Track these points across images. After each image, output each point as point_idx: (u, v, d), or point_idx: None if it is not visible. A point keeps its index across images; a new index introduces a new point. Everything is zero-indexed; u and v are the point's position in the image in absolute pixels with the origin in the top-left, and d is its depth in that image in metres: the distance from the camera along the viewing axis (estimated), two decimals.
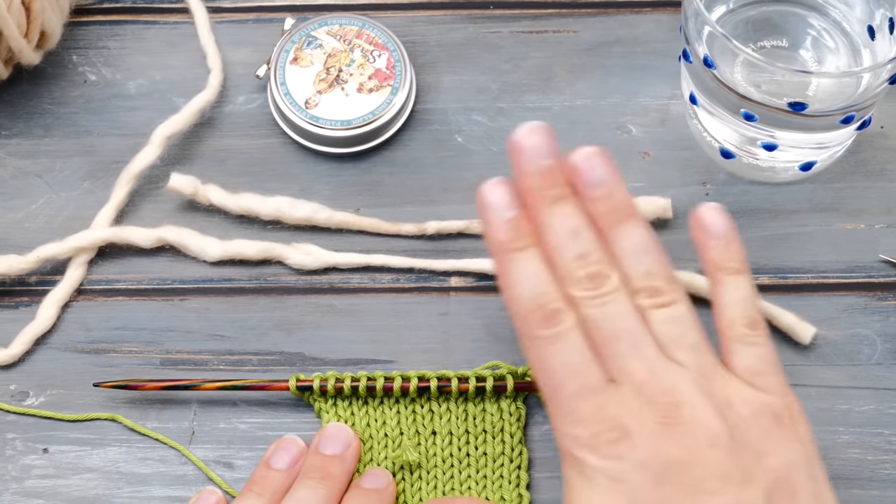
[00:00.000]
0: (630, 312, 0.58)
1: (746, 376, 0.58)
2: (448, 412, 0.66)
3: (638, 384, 0.56)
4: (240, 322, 0.69)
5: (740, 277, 0.60)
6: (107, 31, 0.76)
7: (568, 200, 0.59)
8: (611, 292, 0.58)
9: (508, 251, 0.59)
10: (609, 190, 0.59)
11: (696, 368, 0.57)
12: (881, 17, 0.68)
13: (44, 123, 0.73)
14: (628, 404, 0.56)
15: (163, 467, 0.66)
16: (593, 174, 0.59)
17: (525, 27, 0.76)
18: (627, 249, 0.59)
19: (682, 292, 0.59)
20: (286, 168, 0.73)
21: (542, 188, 0.59)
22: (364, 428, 0.66)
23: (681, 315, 0.58)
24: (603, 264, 0.58)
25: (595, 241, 0.59)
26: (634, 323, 0.58)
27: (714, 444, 0.55)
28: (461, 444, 0.66)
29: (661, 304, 0.58)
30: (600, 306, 0.58)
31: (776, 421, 0.57)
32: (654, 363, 0.57)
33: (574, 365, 0.57)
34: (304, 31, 0.74)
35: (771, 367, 0.59)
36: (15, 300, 0.70)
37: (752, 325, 0.59)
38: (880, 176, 0.72)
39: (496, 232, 0.59)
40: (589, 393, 0.56)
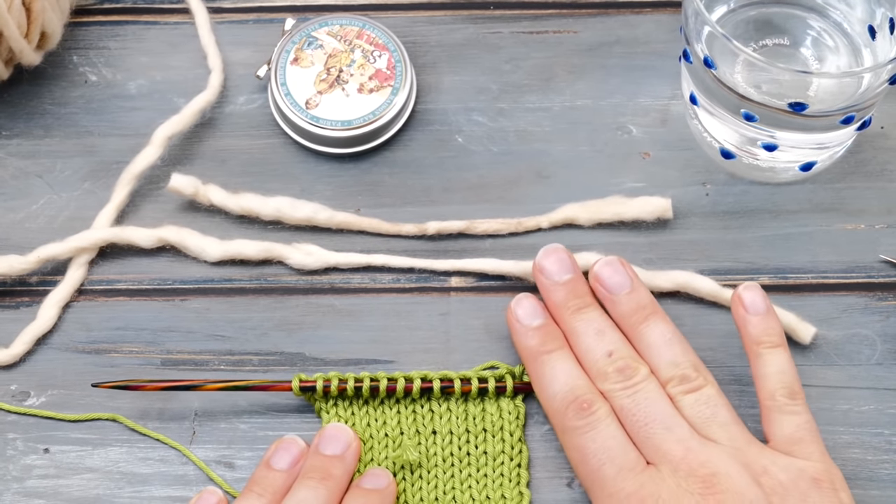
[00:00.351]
0: (661, 397, 0.62)
1: (785, 445, 0.61)
2: (448, 412, 0.66)
3: (675, 463, 0.60)
4: (240, 322, 0.69)
5: (779, 350, 0.63)
6: (107, 31, 0.76)
7: (591, 307, 0.65)
8: (641, 381, 0.63)
9: (540, 355, 0.64)
10: (630, 290, 0.65)
11: (729, 443, 0.61)
12: (882, 17, 0.68)
13: (44, 124, 0.73)
14: (667, 482, 0.60)
15: (163, 467, 0.66)
16: (614, 279, 0.65)
17: (525, 27, 0.76)
18: (653, 343, 0.64)
19: (709, 376, 0.63)
20: (287, 168, 0.73)
21: (566, 300, 0.65)
22: (364, 427, 0.66)
23: (710, 396, 0.62)
24: (631, 359, 0.63)
25: (621, 339, 0.64)
26: (665, 406, 0.62)
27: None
28: (461, 443, 0.66)
29: (691, 390, 0.62)
30: (632, 395, 0.62)
31: (815, 485, 0.60)
32: (689, 442, 0.61)
33: (612, 449, 0.61)
34: (305, 32, 0.74)
35: (809, 435, 0.62)
36: (16, 300, 0.70)
37: (792, 395, 0.62)
38: (880, 176, 0.72)
39: (526, 339, 0.65)
40: (629, 473, 0.60)
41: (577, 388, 0.63)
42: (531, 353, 0.65)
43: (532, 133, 0.73)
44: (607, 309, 0.66)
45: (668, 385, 0.63)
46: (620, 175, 0.72)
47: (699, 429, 0.61)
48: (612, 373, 0.63)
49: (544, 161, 0.72)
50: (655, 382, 0.63)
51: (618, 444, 0.61)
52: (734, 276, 0.70)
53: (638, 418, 0.62)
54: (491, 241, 0.71)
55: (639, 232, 0.71)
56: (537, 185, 0.72)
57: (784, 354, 0.63)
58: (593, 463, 0.61)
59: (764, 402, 0.63)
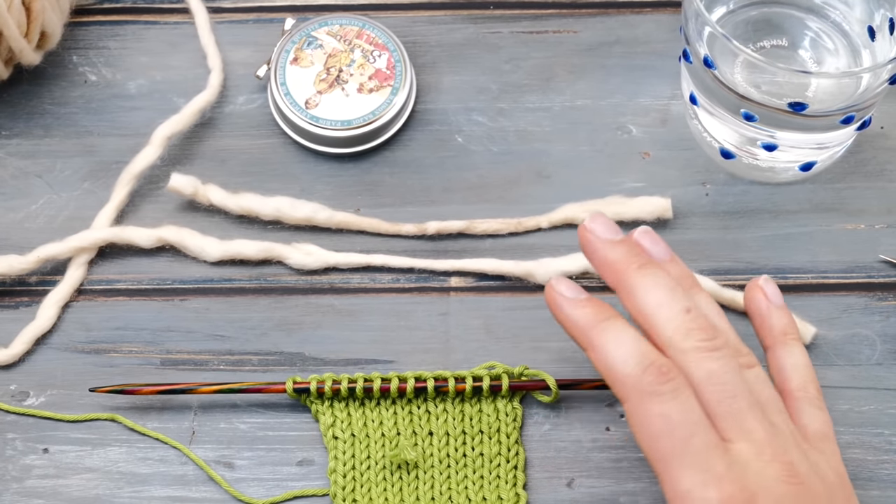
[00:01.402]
0: (739, 370, 0.57)
1: (815, 440, 0.59)
2: (445, 412, 0.66)
3: (759, 445, 0.56)
4: (240, 322, 0.69)
5: (802, 345, 0.62)
6: (107, 31, 0.76)
7: (656, 265, 0.59)
8: (724, 347, 0.57)
9: (598, 322, 0.57)
10: (672, 257, 0.61)
11: (788, 431, 0.58)
12: (881, 18, 0.68)
13: (44, 124, 0.73)
14: (753, 465, 0.55)
15: (163, 467, 0.66)
16: (657, 246, 0.60)
17: (525, 27, 0.76)
18: (710, 308, 0.59)
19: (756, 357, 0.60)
20: (286, 168, 0.73)
21: (627, 257, 0.58)
22: (361, 428, 0.66)
23: (766, 378, 0.59)
24: (708, 319, 0.58)
25: (693, 299, 0.59)
26: (744, 381, 0.57)
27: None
28: (458, 444, 0.66)
29: (748, 365, 0.58)
30: (720, 358, 0.56)
31: (843, 489, 0.58)
32: (767, 424, 0.57)
33: (698, 422, 0.55)
34: (305, 32, 0.74)
35: (832, 433, 0.60)
36: (15, 300, 0.70)
37: (819, 390, 0.61)
38: (880, 176, 0.72)
39: (578, 309, 0.58)
40: (716, 451, 0.55)
41: (649, 353, 0.56)
42: (587, 323, 0.57)
43: (532, 133, 0.73)
44: None
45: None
46: (620, 175, 0.72)
47: (768, 412, 0.57)
48: (695, 330, 0.57)
49: (544, 161, 0.72)
50: (733, 352, 0.58)
51: (701, 417, 0.55)
52: (734, 276, 0.70)
53: (727, 388, 0.56)
54: (491, 241, 0.71)
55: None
56: (537, 184, 0.72)
57: (805, 351, 0.62)
58: (680, 433, 0.55)
59: (794, 393, 0.60)
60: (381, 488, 0.65)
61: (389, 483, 0.65)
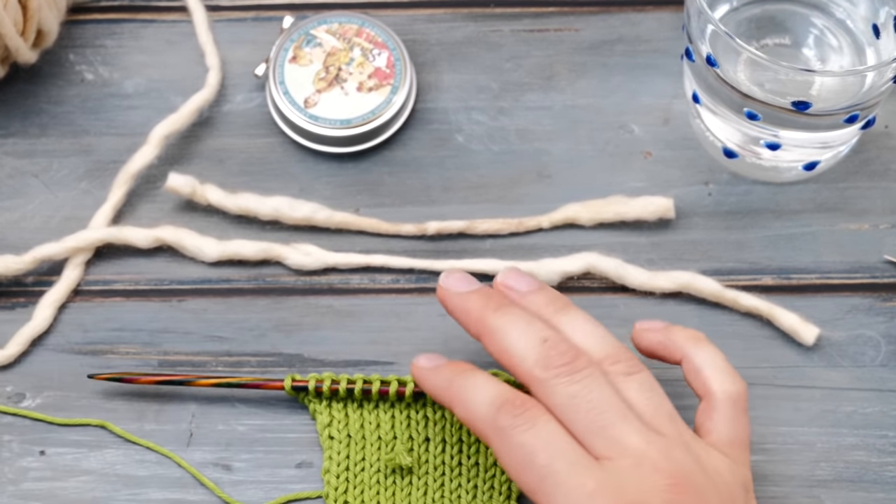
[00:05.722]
0: (607, 384, 0.57)
1: (725, 445, 0.58)
2: (443, 419, 0.66)
3: (637, 456, 0.55)
4: (238, 323, 0.69)
5: (714, 345, 0.61)
6: (104, 29, 0.76)
7: (511, 304, 0.60)
8: (586, 367, 0.57)
9: (455, 378, 0.59)
10: (540, 286, 0.61)
11: (679, 437, 0.57)
12: (886, 16, 0.68)
13: (40, 123, 0.73)
14: (631, 476, 0.54)
15: (160, 470, 0.66)
16: (523, 279, 0.61)
17: (526, 25, 0.75)
18: (578, 327, 0.59)
19: (641, 363, 0.59)
20: (285, 168, 0.72)
21: (484, 303, 0.60)
22: (357, 429, 0.66)
23: (652, 383, 0.58)
24: (569, 344, 0.58)
25: (551, 328, 0.58)
26: (614, 395, 0.56)
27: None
28: (454, 452, 0.65)
29: (628, 372, 0.58)
30: (581, 380, 0.56)
31: (746, 493, 0.58)
32: (646, 433, 0.56)
33: (559, 444, 0.55)
34: (304, 30, 0.73)
35: (748, 440, 0.59)
36: (11, 301, 0.69)
37: (740, 393, 0.60)
38: (885, 176, 0.72)
39: (437, 375, 0.60)
40: (585, 469, 0.55)
41: (503, 393, 0.57)
42: (447, 382, 0.59)
43: (533, 132, 0.73)
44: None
45: (605, 363, 0.58)
46: (622, 174, 0.72)
47: (649, 420, 0.56)
48: (553, 356, 0.57)
49: (545, 160, 0.72)
50: (598, 369, 0.57)
51: (563, 440, 0.55)
52: (737, 276, 0.69)
53: (593, 405, 0.55)
54: (491, 242, 0.70)
55: (640, 232, 0.70)
56: (538, 184, 0.72)
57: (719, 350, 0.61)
58: (542, 459, 0.55)
59: (715, 394, 0.59)
60: (374, 491, 0.65)
61: (383, 487, 0.65)
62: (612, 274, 0.69)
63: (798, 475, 0.65)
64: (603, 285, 0.69)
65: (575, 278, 0.69)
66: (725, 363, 0.60)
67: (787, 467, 0.66)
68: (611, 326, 0.67)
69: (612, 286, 0.69)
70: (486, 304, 0.60)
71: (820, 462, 0.66)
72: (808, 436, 0.66)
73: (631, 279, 0.68)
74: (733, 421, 0.59)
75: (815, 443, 0.66)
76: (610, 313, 0.68)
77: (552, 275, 0.69)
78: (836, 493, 0.65)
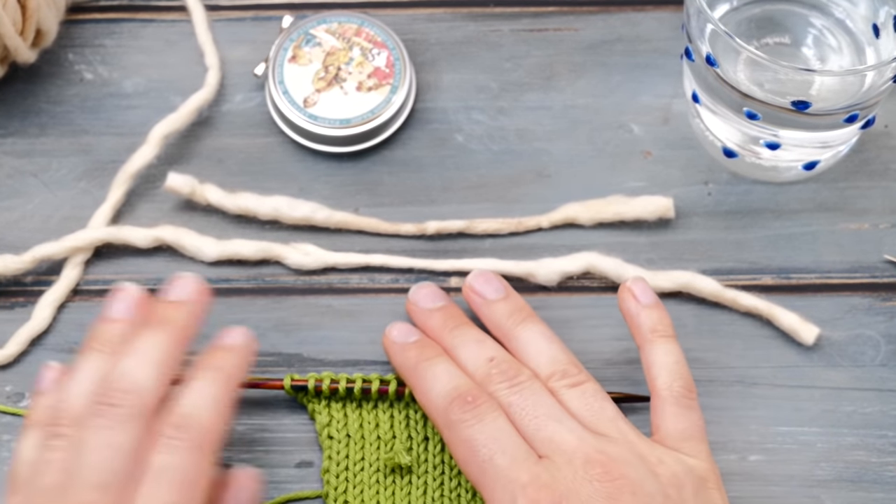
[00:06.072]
0: (547, 394, 0.61)
1: (675, 441, 0.60)
2: None
3: (569, 453, 0.58)
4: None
5: (673, 341, 0.63)
6: (103, 29, 0.75)
7: (468, 325, 0.65)
8: (525, 380, 0.61)
9: (419, 363, 0.63)
10: (506, 294, 0.66)
11: (620, 436, 0.60)
12: (885, 15, 0.68)
13: (39, 122, 0.73)
14: (563, 471, 0.58)
15: None
16: (487, 286, 0.66)
17: (526, 25, 0.75)
18: (531, 342, 0.63)
19: (589, 375, 0.62)
20: (284, 167, 0.72)
21: (443, 322, 0.65)
22: (357, 429, 0.65)
23: (595, 391, 0.62)
24: (512, 362, 0.62)
25: (500, 348, 0.64)
26: (553, 402, 0.61)
27: (650, 501, 0.57)
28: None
29: (573, 384, 0.62)
30: (519, 391, 0.61)
31: (703, 484, 0.59)
32: (581, 432, 0.59)
33: (502, 440, 0.59)
34: (303, 29, 0.73)
35: (700, 433, 0.61)
36: (10, 300, 0.69)
37: (689, 387, 0.62)
38: (884, 175, 0.71)
39: (404, 353, 0.64)
40: (523, 464, 0.58)
41: (460, 386, 0.61)
42: (410, 364, 0.64)
43: (532, 132, 0.73)
44: (482, 319, 0.66)
45: (551, 380, 0.62)
46: (622, 174, 0.72)
47: (588, 423, 0.60)
48: (495, 374, 0.62)
49: (545, 160, 0.72)
50: (539, 383, 0.62)
51: (507, 436, 0.59)
52: (737, 276, 0.69)
53: (527, 412, 0.60)
54: (491, 241, 0.70)
55: (640, 232, 0.70)
56: (538, 184, 0.71)
57: (678, 347, 0.63)
58: (483, 453, 0.59)
59: (660, 392, 0.61)
60: (374, 491, 0.65)
61: (382, 486, 0.65)
62: (612, 274, 0.69)
63: (798, 475, 0.65)
64: (603, 285, 0.69)
65: (575, 278, 0.69)
66: (676, 362, 0.62)
67: (787, 467, 0.65)
68: (610, 326, 0.68)
69: (611, 286, 0.69)
70: (444, 324, 0.65)
71: (820, 462, 0.66)
72: (808, 436, 0.66)
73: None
74: (679, 417, 0.61)
75: (815, 443, 0.66)
76: (609, 313, 0.68)
77: (552, 275, 0.69)
78: (836, 493, 0.65)
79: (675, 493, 0.58)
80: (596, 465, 0.58)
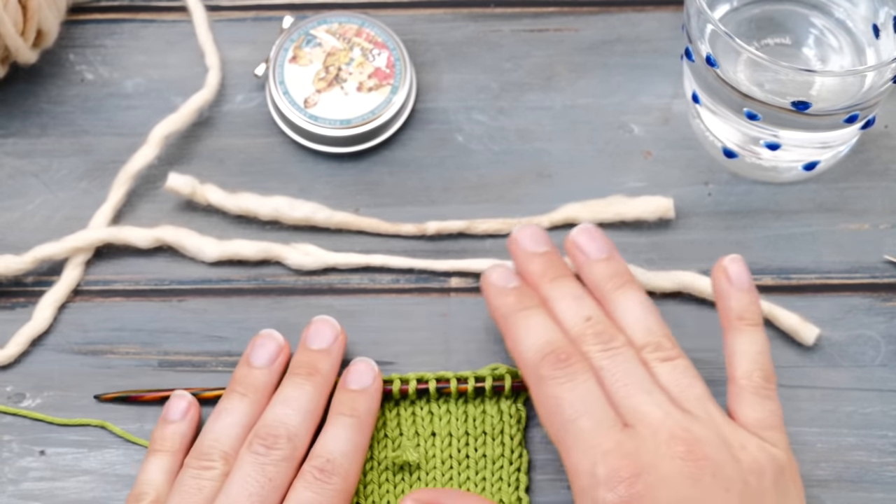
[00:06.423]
0: (639, 364, 0.61)
1: (755, 428, 0.60)
2: (448, 413, 0.66)
3: (654, 426, 0.58)
4: (238, 323, 0.69)
5: (759, 330, 0.62)
6: (104, 29, 0.75)
7: (568, 277, 0.64)
8: (619, 346, 0.61)
9: (515, 311, 0.63)
10: (609, 255, 0.65)
11: (706, 417, 0.59)
12: (885, 16, 0.68)
13: (40, 123, 0.73)
14: (647, 443, 0.58)
15: None
16: (592, 244, 0.65)
17: (526, 25, 0.75)
18: (628, 309, 0.63)
19: (681, 351, 0.62)
20: (285, 168, 0.72)
21: (543, 270, 0.64)
22: None
23: (685, 367, 0.61)
24: (609, 325, 0.62)
25: (598, 307, 0.63)
26: (644, 373, 0.61)
27: (729, 488, 0.57)
28: (461, 445, 0.65)
29: (665, 358, 0.61)
30: (611, 357, 0.61)
31: (781, 474, 0.59)
32: (668, 407, 0.59)
33: (590, 403, 0.59)
34: (303, 30, 0.73)
35: (779, 422, 0.61)
36: (11, 301, 0.69)
37: (768, 378, 0.61)
38: (884, 175, 0.71)
39: (501, 298, 0.64)
40: (607, 430, 0.58)
41: (554, 341, 0.61)
42: (507, 311, 0.63)
43: (533, 132, 0.73)
44: (582, 276, 0.65)
45: (644, 350, 0.61)
46: (622, 174, 0.72)
47: (676, 399, 0.60)
48: (590, 335, 0.61)
49: (545, 160, 0.72)
50: (633, 351, 0.61)
51: (596, 400, 0.59)
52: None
53: (618, 378, 0.60)
54: (491, 241, 0.70)
55: (640, 232, 0.70)
56: (538, 184, 0.71)
57: (764, 335, 0.62)
58: (569, 413, 0.59)
59: (738, 381, 0.61)
60: (384, 490, 0.65)
61: (391, 484, 0.65)
62: None
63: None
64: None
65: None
66: (759, 352, 0.62)
67: None
68: None
69: None
70: (545, 273, 0.64)
71: (820, 462, 0.66)
72: (808, 436, 0.66)
73: None
74: (756, 406, 0.61)
75: (815, 443, 0.66)
76: None
77: None
78: (836, 493, 0.65)
79: (755, 479, 0.58)
80: (680, 443, 0.58)
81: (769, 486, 0.58)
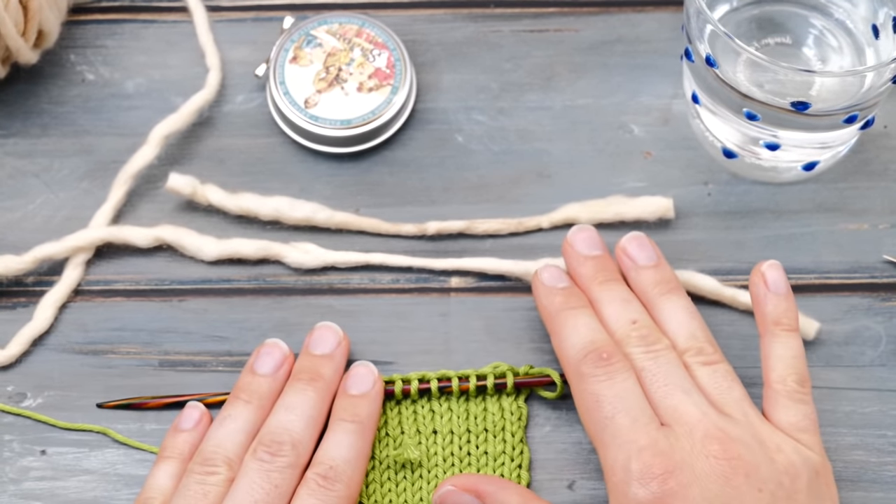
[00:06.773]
0: (680, 366, 0.62)
1: (791, 431, 0.61)
2: (449, 411, 0.66)
3: (691, 425, 0.59)
4: (239, 323, 0.69)
5: (795, 335, 0.63)
6: (105, 29, 0.76)
7: (618, 281, 0.66)
8: (662, 349, 0.63)
9: (562, 310, 0.64)
10: (657, 262, 0.66)
11: (744, 418, 0.60)
12: (885, 16, 0.68)
13: (41, 123, 0.73)
14: (682, 442, 0.59)
15: None
16: (643, 251, 0.66)
17: (526, 26, 0.75)
18: (673, 315, 0.64)
19: (723, 356, 0.63)
20: (285, 168, 0.72)
21: (594, 273, 0.65)
22: None
23: (726, 371, 0.62)
24: (653, 329, 0.63)
25: (645, 312, 0.64)
26: (685, 375, 0.62)
27: (762, 488, 0.58)
28: (462, 442, 0.65)
29: (707, 362, 0.62)
30: (654, 358, 0.62)
31: (815, 477, 0.60)
32: (706, 408, 0.60)
33: (628, 400, 0.60)
34: (304, 30, 0.73)
35: (813, 426, 0.61)
36: (12, 301, 0.69)
37: (803, 382, 0.62)
38: (884, 176, 0.72)
39: (550, 297, 0.65)
40: (644, 427, 0.59)
41: (597, 341, 0.62)
42: (555, 310, 0.64)
43: (533, 132, 0.73)
44: (630, 282, 0.66)
45: (686, 354, 0.63)
46: (622, 175, 0.72)
47: (715, 401, 0.61)
48: (634, 338, 0.63)
49: (545, 160, 0.72)
50: (675, 354, 0.63)
51: (634, 398, 0.61)
52: (736, 276, 0.69)
53: (658, 378, 0.61)
54: (491, 241, 0.70)
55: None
56: (538, 184, 0.72)
57: (799, 341, 0.63)
58: (607, 409, 0.60)
59: (773, 385, 0.62)
60: (386, 488, 0.65)
61: (394, 483, 0.65)
62: None
63: None
64: None
65: None
66: (794, 357, 0.62)
67: None
68: None
69: None
70: (595, 276, 0.66)
71: None
72: None
73: None
74: (790, 409, 0.61)
75: None
76: None
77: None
78: None
79: (789, 481, 0.58)
80: (714, 442, 0.59)
81: (803, 488, 0.59)
